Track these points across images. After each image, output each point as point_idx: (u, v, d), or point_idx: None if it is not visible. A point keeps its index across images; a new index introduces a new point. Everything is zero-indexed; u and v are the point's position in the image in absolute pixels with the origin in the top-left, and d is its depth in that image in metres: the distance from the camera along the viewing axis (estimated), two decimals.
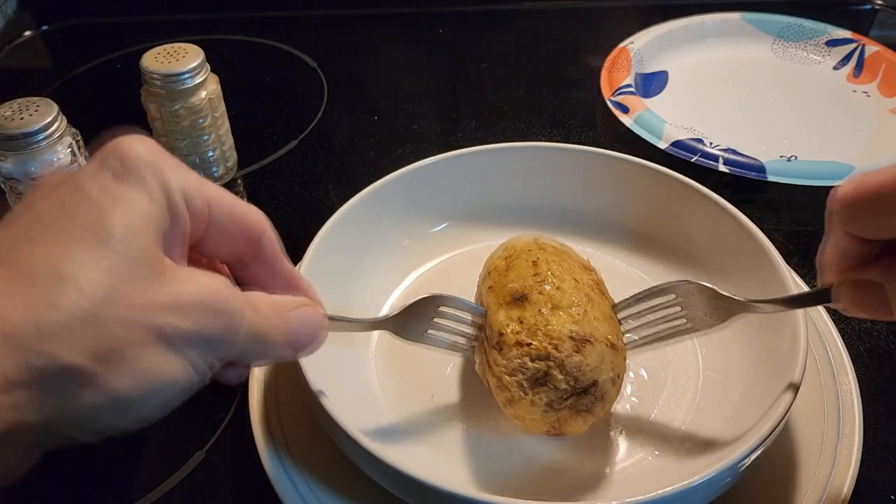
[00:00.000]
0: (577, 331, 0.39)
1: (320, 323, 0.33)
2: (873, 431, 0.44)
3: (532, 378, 0.39)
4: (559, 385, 0.38)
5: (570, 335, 0.39)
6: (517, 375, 0.39)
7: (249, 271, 0.33)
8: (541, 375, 0.38)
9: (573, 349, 0.39)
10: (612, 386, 0.40)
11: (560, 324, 0.39)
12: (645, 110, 0.70)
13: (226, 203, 0.30)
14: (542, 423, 0.39)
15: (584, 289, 0.42)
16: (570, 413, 0.39)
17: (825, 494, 0.40)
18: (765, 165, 0.63)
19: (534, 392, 0.39)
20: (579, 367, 0.38)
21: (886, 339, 0.52)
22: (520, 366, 0.39)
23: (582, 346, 0.39)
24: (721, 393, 0.45)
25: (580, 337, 0.39)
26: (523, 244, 0.46)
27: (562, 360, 0.38)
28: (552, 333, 0.39)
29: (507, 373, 0.39)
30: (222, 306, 0.27)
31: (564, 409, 0.39)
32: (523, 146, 0.55)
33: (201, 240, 0.30)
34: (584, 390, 0.39)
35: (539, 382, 0.39)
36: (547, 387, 0.38)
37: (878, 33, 0.86)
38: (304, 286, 0.35)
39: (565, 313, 0.40)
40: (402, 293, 0.52)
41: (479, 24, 0.91)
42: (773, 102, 0.76)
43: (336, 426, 0.37)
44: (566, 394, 0.38)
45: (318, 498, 0.39)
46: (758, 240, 0.46)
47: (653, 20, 0.84)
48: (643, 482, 0.40)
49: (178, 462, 0.45)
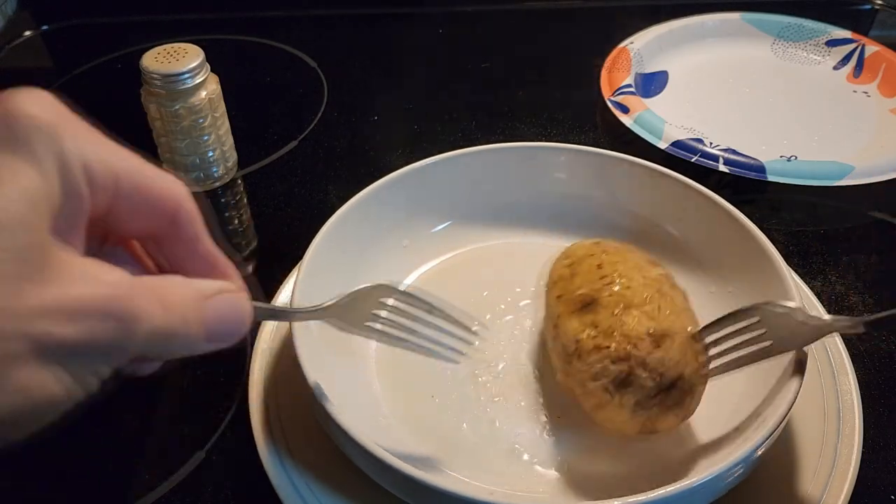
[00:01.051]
0: (653, 327, 0.39)
1: (243, 312, 0.29)
2: (873, 431, 0.44)
3: (616, 380, 0.38)
4: (644, 384, 0.38)
5: (648, 332, 0.38)
6: (600, 380, 0.38)
7: (165, 251, 0.29)
8: (624, 376, 0.38)
9: (653, 345, 0.38)
10: (698, 377, 0.39)
11: (635, 322, 0.39)
12: (645, 110, 0.70)
13: (135, 175, 0.26)
14: (633, 424, 0.39)
15: (654, 284, 0.41)
16: (660, 410, 0.39)
17: (825, 494, 0.40)
18: (765, 165, 0.63)
19: (620, 394, 0.38)
20: (662, 362, 0.38)
21: (886, 340, 0.52)
22: (601, 370, 0.38)
23: (661, 342, 0.38)
24: (722, 393, 0.44)
25: (658, 332, 0.38)
26: (585, 248, 0.46)
27: (643, 357, 0.38)
28: (629, 333, 0.38)
29: (590, 378, 0.39)
30: (117, 309, 0.23)
31: (654, 408, 0.38)
32: (523, 146, 0.55)
33: (107, 214, 0.26)
34: (670, 385, 0.38)
35: (624, 384, 0.38)
36: (632, 387, 0.38)
37: (878, 33, 0.86)
38: (224, 268, 0.30)
39: (639, 311, 0.39)
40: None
41: (479, 24, 0.91)
42: (773, 102, 0.76)
43: (336, 426, 0.37)
44: (653, 391, 0.38)
45: (318, 498, 0.39)
46: (758, 240, 0.46)
47: (653, 20, 0.84)
48: (644, 482, 0.40)
49: (178, 462, 0.45)
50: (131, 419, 0.48)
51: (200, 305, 0.26)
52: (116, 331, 0.23)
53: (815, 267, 0.58)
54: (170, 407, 0.48)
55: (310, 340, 0.41)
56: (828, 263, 0.58)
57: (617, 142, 0.70)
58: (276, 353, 0.47)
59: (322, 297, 0.45)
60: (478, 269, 0.49)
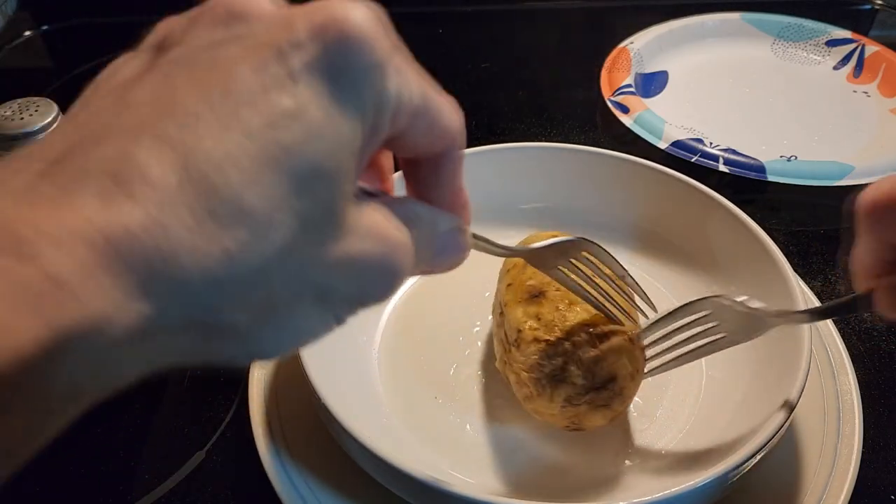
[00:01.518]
0: (594, 325, 0.39)
1: (464, 251, 0.30)
2: (873, 431, 0.44)
3: (550, 374, 0.38)
4: (576, 381, 0.38)
5: (588, 330, 0.39)
6: (534, 372, 0.39)
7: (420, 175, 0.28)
8: (558, 371, 0.38)
9: (590, 345, 0.38)
10: (630, 380, 0.39)
11: (577, 319, 0.39)
12: (645, 110, 0.70)
13: (431, 107, 0.24)
14: (560, 419, 0.39)
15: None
16: (588, 408, 0.39)
17: (825, 494, 0.40)
18: (765, 165, 0.63)
19: (552, 388, 0.38)
20: (596, 361, 0.38)
21: (887, 340, 0.52)
22: (537, 362, 0.39)
23: (600, 341, 0.38)
24: (724, 392, 0.45)
25: (597, 332, 0.39)
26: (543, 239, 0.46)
27: (578, 355, 0.38)
28: (569, 329, 0.39)
29: (525, 369, 0.39)
30: (390, 269, 0.23)
31: (583, 405, 0.39)
32: (523, 146, 0.55)
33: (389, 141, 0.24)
34: (602, 385, 0.38)
35: (556, 379, 0.38)
36: (564, 383, 0.38)
37: (878, 33, 0.86)
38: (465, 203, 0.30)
39: (582, 308, 0.40)
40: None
41: (479, 24, 0.91)
42: (773, 102, 0.76)
43: (339, 426, 0.37)
44: (584, 389, 0.38)
45: (318, 498, 0.39)
46: (761, 240, 0.46)
47: (653, 20, 0.84)
48: (648, 482, 0.40)
49: (178, 462, 0.45)
50: (131, 419, 0.48)
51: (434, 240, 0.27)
52: (384, 287, 0.23)
53: (815, 267, 0.58)
54: (170, 407, 0.48)
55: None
56: (828, 263, 0.58)
57: (617, 142, 0.70)
58: None
59: None
60: (480, 270, 0.49)
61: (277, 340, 0.21)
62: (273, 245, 0.19)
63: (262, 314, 0.20)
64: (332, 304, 0.22)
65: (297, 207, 0.19)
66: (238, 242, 0.18)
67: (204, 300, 0.18)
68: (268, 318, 0.20)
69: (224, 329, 0.20)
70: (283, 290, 0.20)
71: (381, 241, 0.22)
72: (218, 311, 0.19)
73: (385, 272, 0.23)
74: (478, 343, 0.49)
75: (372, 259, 0.22)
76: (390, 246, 0.23)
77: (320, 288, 0.21)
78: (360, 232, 0.22)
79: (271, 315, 0.20)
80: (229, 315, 0.19)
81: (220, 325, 0.19)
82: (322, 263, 0.21)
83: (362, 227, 0.22)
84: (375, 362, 0.48)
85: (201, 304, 0.18)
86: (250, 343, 0.21)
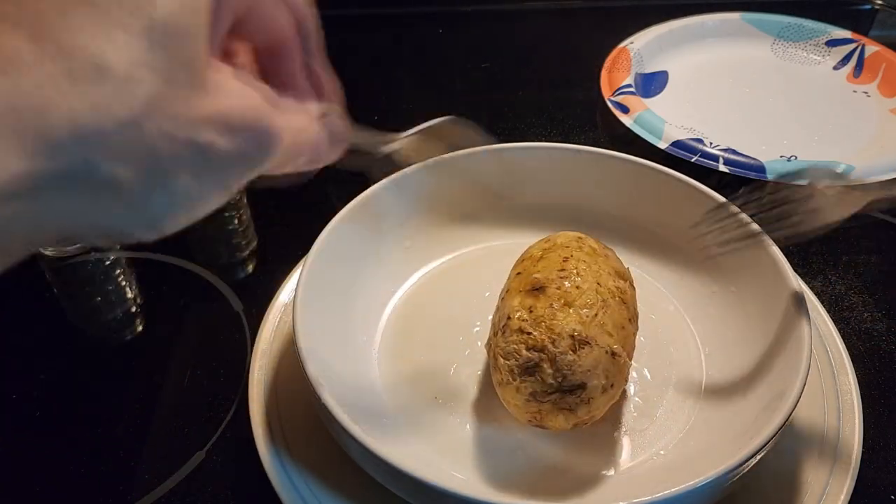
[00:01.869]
0: (579, 331, 0.39)
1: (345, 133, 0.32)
2: (873, 431, 0.44)
3: (522, 366, 0.39)
4: (546, 379, 0.39)
5: (572, 334, 0.39)
6: (510, 360, 0.39)
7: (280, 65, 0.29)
8: (531, 365, 0.39)
9: (570, 348, 0.39)
10: (601, 393, 0.39)
11: (565, 321, 0.39)
12: (645, 110, 0.70)
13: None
14: (524, 411, 0.40)
15: (604, 293, 0.41)
16: (552, 408, 0.39)
17: (825, 494, 0.40)
18: (765, 165, 0.63)
19: (521, 380, 0.39)
20: (570, 366, 0.38)
21: (886, 340, 0.52)
22: (514, 351, 0.39)
23: (580, 347, 0.39)
24: (724, 392, 0.45)
25: (581, 338, 0.39)
26: (565, 239, 0.46)
27: (555, 355, 0.38)
28: (554, 328, 0.39)
29: (503, 355, 0.40)
30: (263, 128, 0.24)
31: (547, 403, 0.39)
32: (523, 146, 0.55)
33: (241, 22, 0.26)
34: (570, 390, 0.39)
35: (528, 372, 0.39)
36: (534, 378, 0.39)
37: (878, 33, 0.86)
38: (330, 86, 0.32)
39: (574, 312, 0.40)
40: (404, 294, 0.52)
41: (479, 24, 0.91)
42: (773, 102, 0.76)
43: (339, 426, 0.37)
44: (551, 388, 0.39)
45: (318, 498, 0.39)
46: (761, 240, 0.46)
47: (653, 20, 0.84)
48: (648, 483, 0.40)
49: (178, 462, 0.45)
50: (131, 419, 0.48)
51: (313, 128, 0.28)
52: (262, 147, 0.24)
53: (815, 267, 0.58)
54: (170, 407, 0.48)
55: (312, 341, 0.41)
56: (828, 263, 0.58)
57: (617, 142, 0.70)
58: (276, 353, 0.47)
59: (324, 298, 0.45)
60: (480, 270, 0.49)
61: (167, 205, 0.22)
62: (137, 98, 0.20)
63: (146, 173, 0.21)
64: (216, 166, 0.23)
65: (155, 63, 0.21)
66: (103, 97, 0.20)
67: (77, 152, 0.20)
68: (155, 179, 0.22)
69: (108, 184, 0.21)
70: (161, 146, 0.21)
71: (248, 97, 0.24)
72: (95, 165, 0.20)
73: (256, 127, 0.24)
74: (478, 343, 0.49)
75: (240, 112, 0.23)
76: (256, 100, 0.24)
77: (198, 145, 0.22)
78: (225, 88, 0.23)
79: (159, 177, 0.22)
80: (108, 167, 0.21)
81: (103, 180, 0.21)
82: (193, 118, 0.22)
83: (228, 85, 0.23)
84: (375, 362, 0.48)
85: (76, 156, 0.20)
86: (140, 206, 0.22)
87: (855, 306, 0.54)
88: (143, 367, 0.51)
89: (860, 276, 0.57)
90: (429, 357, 0.48)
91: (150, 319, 0.55)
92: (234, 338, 0.52)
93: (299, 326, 0.41)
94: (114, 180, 0.21)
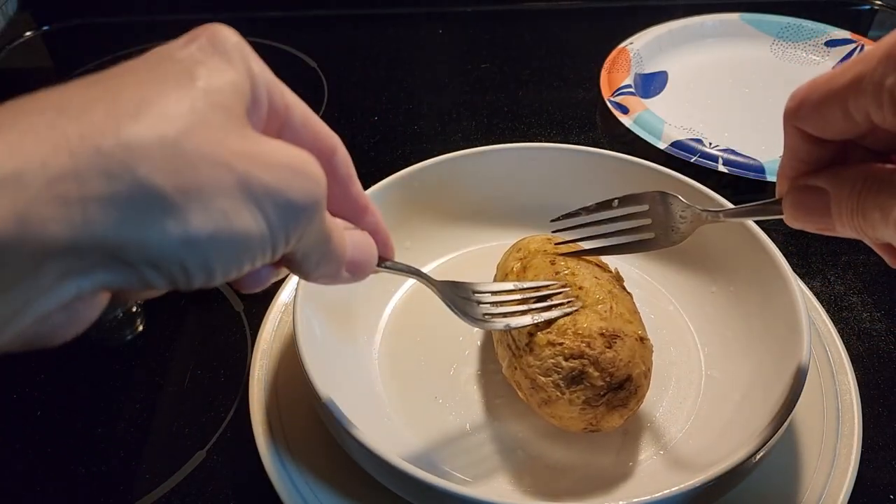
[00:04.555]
0: (606, 327, 0.39)
1: (372, 251, 0.33)
2: (873, 431, 0.44)
3: (568, 377, 0.39)
4: (595, 382, 0.38)
5: (601, 332, 0.39)
6: (552, 375, 0.39)
7: None
8: (576, 374, 0.39)
9: (605, 345, 0.39)
10: (644, 379, 0.40)
11: (588, 322, 0.39)
12: (644, 110, 0.70)
13: (303, 110, 0.28)
14: (579, 421, 0.40)
15: (606, 285, 0.42)
16: (606, 409, 0.39)
17: (825, 494, 0.40)
18: (764, 166, 0.63)
19: (570, 391, 0.39)
20: (613, 362, 0.38)
21: (886, 340, 0.52)
22: (554, 365, 0.39)
23: (613, 342, 0.39)
24: (724, 392, 0.45)
25: (610, 333, 0.39)
26: (537, 244, 0.46)
27: (595, 356, 0.38)
28: (582, 332, 0.39)
29: (542, 373, 0.39)
30: (310, 172, 0.25)
31: (601, 406, 0.39)
32: (523, 146, 0.55)
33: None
34: (619, 385, 0.39)
35: (575, 381, 0.39)
36: (583, 385, 0.39)
37: (877, 33, 0.86)
38: (373, 211, 0.33)
39: (592, 311, 0.40)
40: (404, 294, 0.52)
41: (479, 24, 0.91)
42: (772, 102, 0.76)
43: (339, 426, 0.37)
44: (603, 390, 0.39)
45: (318, 498, 0.39)
46: (760, 240, 0.46)
47: (653, 20, 0.84)
48: (648, 482, 0.40)
49: (178, 462, 0.45)
50: (131, 419, 0.48)
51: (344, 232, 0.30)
52: (308, 190, 0.25)
53: (814, 267, 0.58)
54: (170, 407, 0.48)
55: (313, 341, 0.41)
56: (827, 263, 0.58)
57: (617, 142, 0.70)
58: (276, 353, 0.47)
59: (325, 298, 0.45)
60: (480, 270, 0.49)
61: (212, 228, 0.22)
62: (175, 122, 0.22)
63: (186, 188, 0.21)
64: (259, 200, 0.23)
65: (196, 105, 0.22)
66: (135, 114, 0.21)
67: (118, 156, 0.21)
68: (195, 197, 0.22)
69: (149, 194, 0.21)
70: (204, 169, 0.22)
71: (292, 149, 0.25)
72: (137, 172, 0.21)
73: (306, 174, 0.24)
74: (478, 343, 0.49)
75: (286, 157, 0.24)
76: (302, 154, 0.25)
77: (241, 176, 0.22)
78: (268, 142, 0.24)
79: (199, 197, 0.22)
80: (151, 178, 0.21)
81: (146, 189, 0.21)
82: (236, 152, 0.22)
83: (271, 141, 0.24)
84: (375, 362, 0.48)
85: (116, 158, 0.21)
86: (183, 224, 0.22)
87: (854, 306, 0.54)
88: (143, 367, 0.51)
89: (859, 277, 0.57)
90: (429, 357, 0.48)
91: (151, 319, 0.55)
92: (235, 338, 0.52)
93: (299, 326, 0.41)
94: (158, 192, 0.21)
